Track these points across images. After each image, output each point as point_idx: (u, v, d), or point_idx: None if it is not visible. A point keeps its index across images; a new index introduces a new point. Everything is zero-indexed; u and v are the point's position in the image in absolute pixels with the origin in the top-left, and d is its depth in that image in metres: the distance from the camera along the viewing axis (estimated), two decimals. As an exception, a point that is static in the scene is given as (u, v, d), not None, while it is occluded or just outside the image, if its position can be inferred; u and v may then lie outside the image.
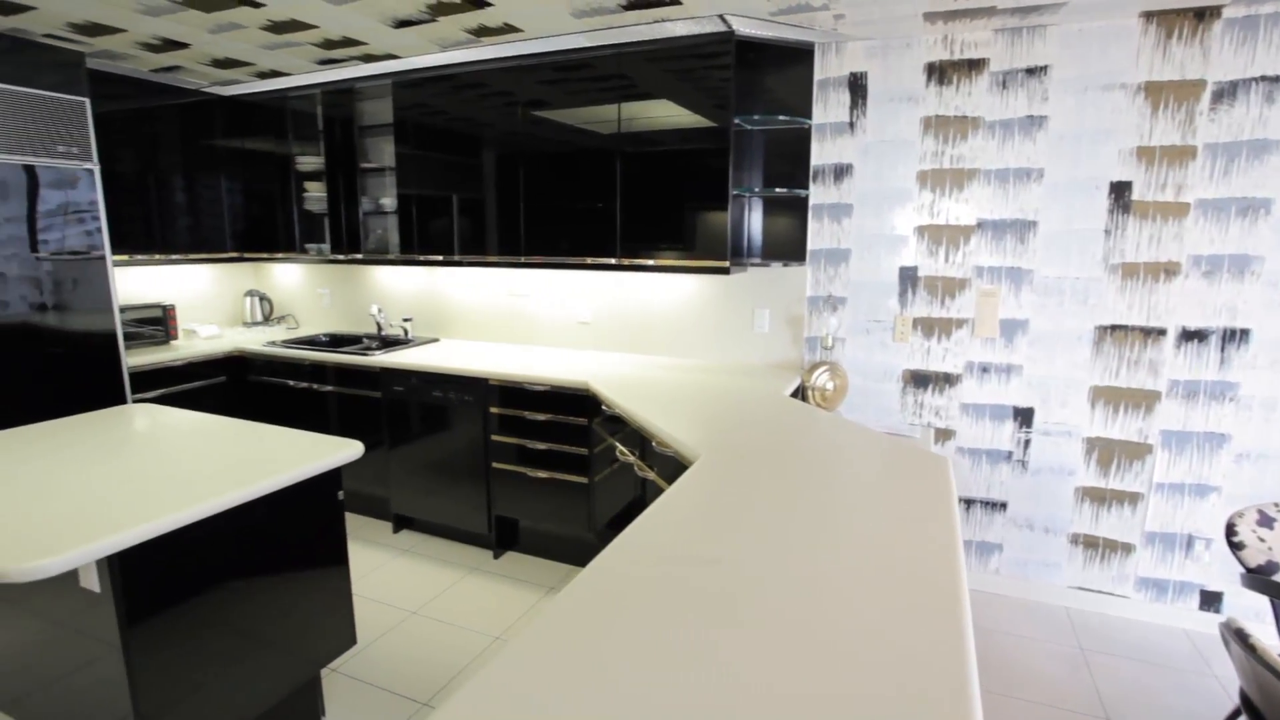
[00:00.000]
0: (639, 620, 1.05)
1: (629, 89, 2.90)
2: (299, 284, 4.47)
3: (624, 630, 1.03)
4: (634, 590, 1.15)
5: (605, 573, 1.21)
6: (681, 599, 1.12)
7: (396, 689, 2.32)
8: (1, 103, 2.82)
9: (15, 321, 2.92)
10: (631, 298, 3.43)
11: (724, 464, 1.79)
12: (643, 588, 1.15)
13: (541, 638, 1.01)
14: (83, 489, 1.68)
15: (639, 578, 1.19)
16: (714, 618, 1.06)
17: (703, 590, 1.14)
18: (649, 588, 1.15)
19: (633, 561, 1.25)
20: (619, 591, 1.14)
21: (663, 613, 1.08)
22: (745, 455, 1.86)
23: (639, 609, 1.09)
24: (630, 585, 1.16)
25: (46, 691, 1.82)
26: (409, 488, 3.37)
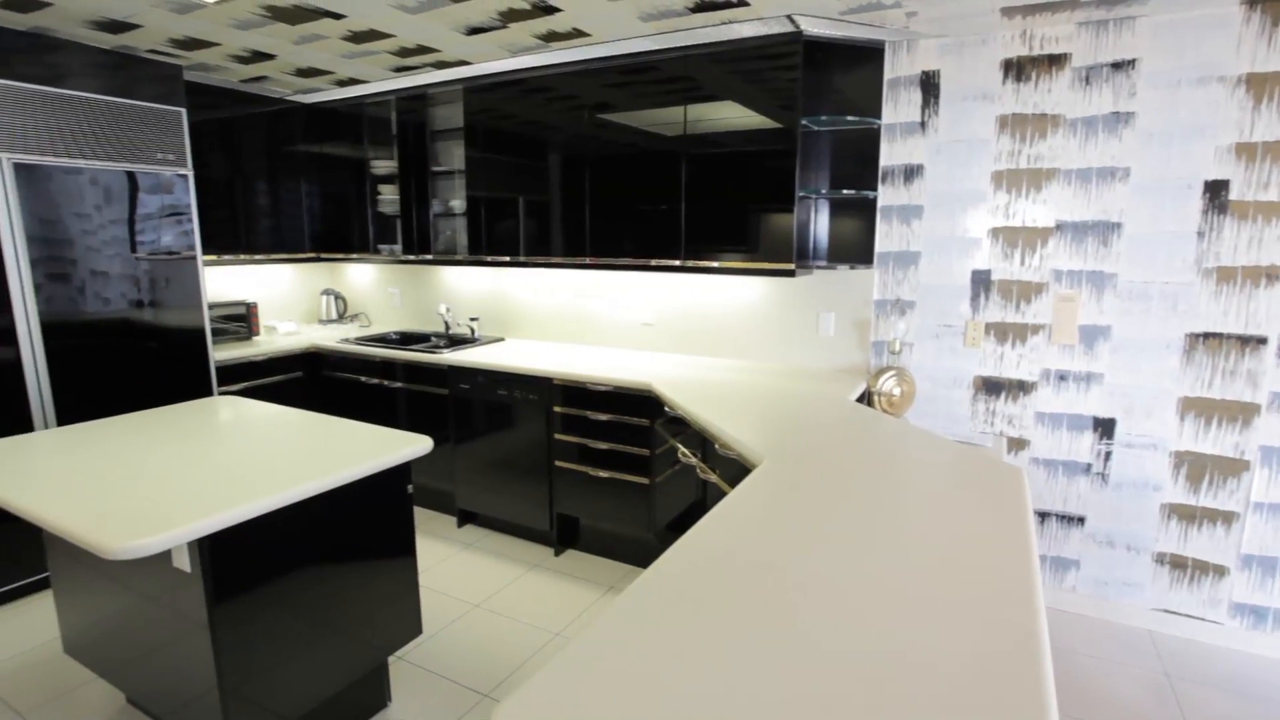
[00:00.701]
0: (699, 625, 1.05)
1: (694, 91, 2.90)
2: (371, 283, 4.64)
3: (684, 634, 1.03)
4: (695, 594, 1.14)
5: (668, 575, 1.21)
6: (742, 604, 1.11)
7: (459, 679, 2.37)
8: (109, 114, 3.03)
9: (117, 317, 3.12)
10: (694, 300, 3.42)
11: (788, 468, 1.77)
12: (704, 592, 1.15)
13: (604, 637, 1.02)
14: (176, 475, 1.79)
15: (701, 581, 1.18)
16: (775, 626, 1.05)
17: (764, 596, 1.13)
18: (711, 592, 1.15)
19: (695, 565, 1.25)
20: (680, 594, 1.14)
21: (723, 618, 1.07)
22: (810, 460, 1.83)
23: (700, 614, 1.08)
24: (692, 589, 1.16)
25: (143, 661, 1.94)
26: (473, 484, 3.45)
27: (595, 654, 0.97)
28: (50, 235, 2.88)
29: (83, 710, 2.24)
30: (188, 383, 3.41)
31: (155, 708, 2.00)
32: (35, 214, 2.83)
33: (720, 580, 1.18)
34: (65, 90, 2.89)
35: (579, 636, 1.01)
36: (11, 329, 2.81)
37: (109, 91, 3.03)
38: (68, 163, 2.91)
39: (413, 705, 2.25)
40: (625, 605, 1.10)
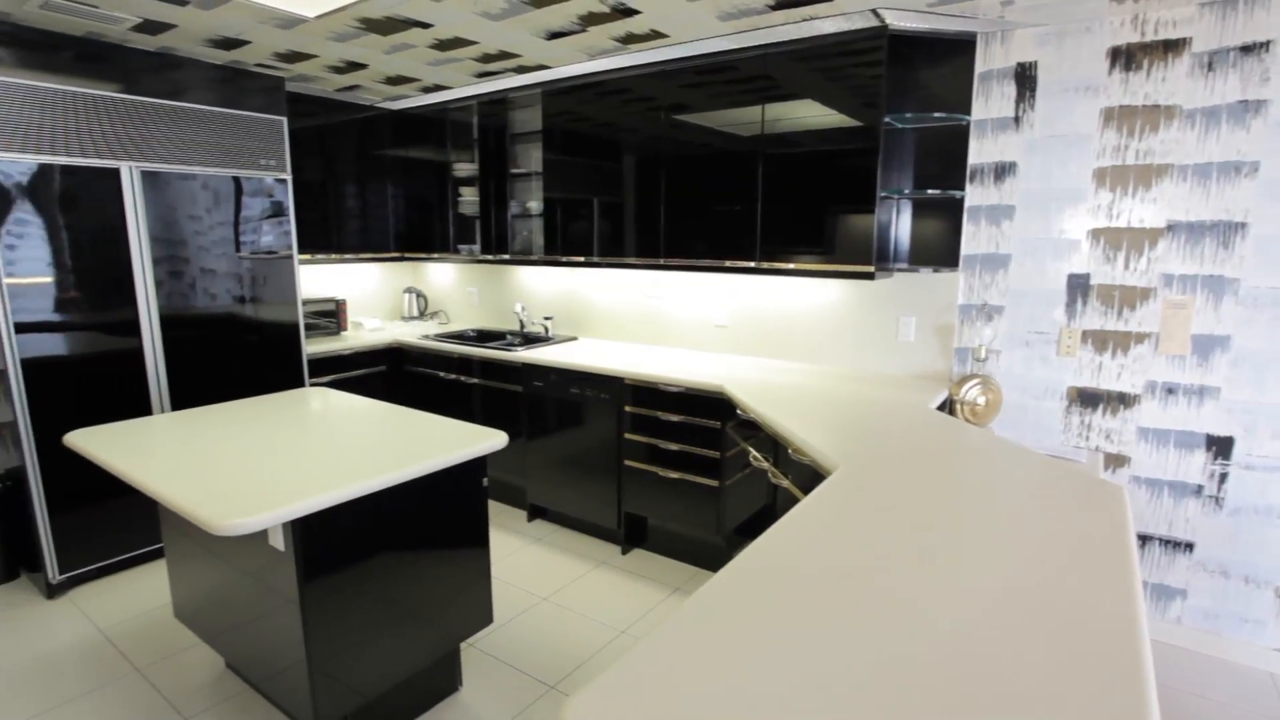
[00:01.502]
0: (772, 632, 1.03)
1: (772, 90, 2.86)
2: (451, 282, 4.80)
3: (756, 640, 1.01)
4: (768, 600, 1.12)
5: (739, 579, 1.20)
6: (816, 614, 1.08)
7: (526, 669, 2.42)
8: (219, 124, 3.25)
9: (222, 312, 3.35)
10: (768, 301, 3.38)
11: (864, 476, 1.72)
12: (777, 599, 1.13)
13: (674, 638, 1.01)
14: (272, 460, 1.90)
15: (774, 588, 1.17)
16: (849, 638, 1.02)
17: (839, 607, 1.10)
18: (783, 599, 1.13)
19: (768, 570, 1.23)
20: (753, 600, 1.12)
21: (796, 626, 1.05)
22: (887, 468, 1.78)
23: (772, 620, 1.07)
24: (764, 595, 1.14)
25: (240, 630, 2.08)
26: (544, 479, 3.51)
27: (665, 654, 0.97)
28: (168, 236, 3.12)
29: (188, 671, 2.41)
30: (283, 374, 3.62)
31: (250, 674, 2.14)
32: (157, 217, 3.07)
33: (794, 588, 1.16)
34: (183, 103, 3.12)
35: (648, 636, 1.01)
36: (136, 321, 3.06)
37: (220, 103, 3.25)
38: (184, 169, 3.14)
39: (482, 692, 2.31)
40: (695, 607, 1.10)
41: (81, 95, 2.83)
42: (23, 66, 2.69)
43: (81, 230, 2.87)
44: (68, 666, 2.46)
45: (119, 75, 2.93)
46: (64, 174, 2.80)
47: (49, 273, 2.81)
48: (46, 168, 2.76)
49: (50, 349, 2.84)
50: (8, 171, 2.67)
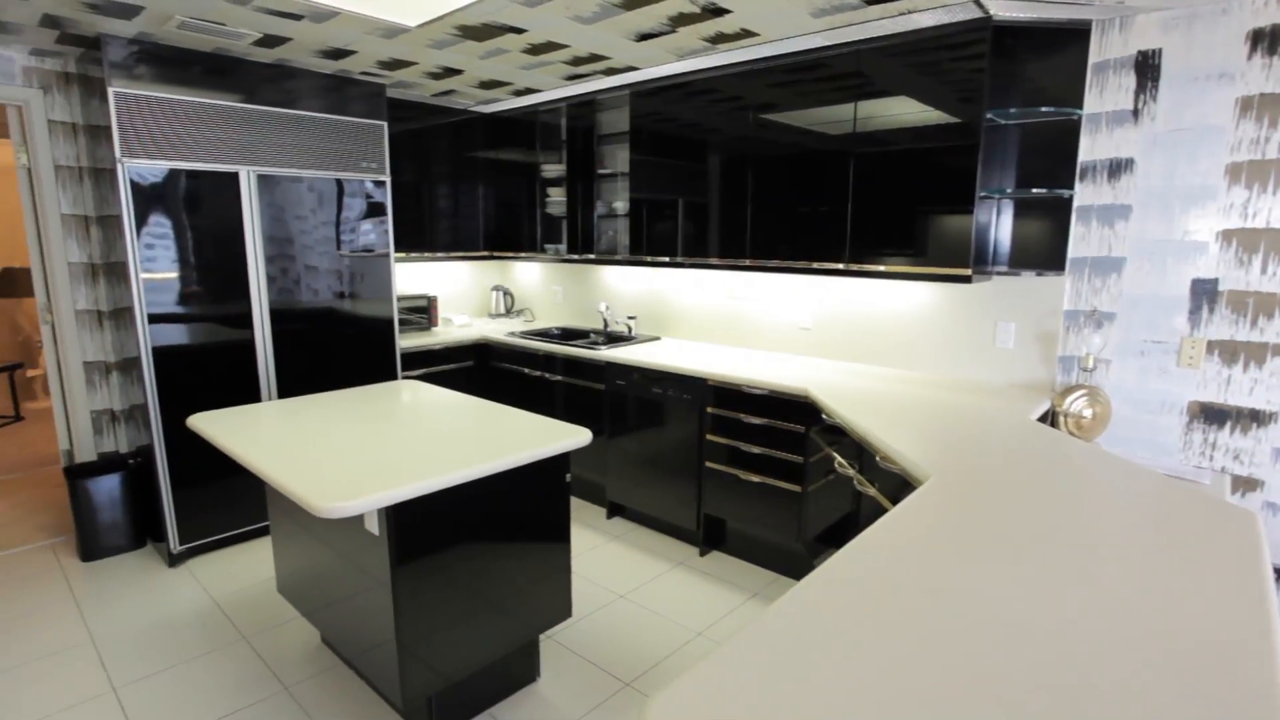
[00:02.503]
0: (857, 645, 1.00)
1: (864, 87, 2.78)
2: (537, 281, 4.91)
3: (841, 651, 0.98)
4: (853, 611, 1.09)
5: (825, 588, 1.17)
6: (905, 630, 1.04)
7: (603, 665, 2.45)
8: (325, 129, 3.45)
9: (323, 306, 3.55)
10: (856, 305, 3.28)
11: (957, 488, 1.64)
12: (863, 611, 1.09)
13: (756, 644, 1.00)
14: (368, 448, 2.00)
15: (860, 599, 1.13)
16: (939, 656, 0.97)
17: (930, 625, 1.06)
18: (870, 612, 1.09)
19: (854, 581, 1.19)
20: (838, 610, 1.09)
21: (883, 640, 1.01)
22: (982, 481, 1.69)
23: (858, 632, 1.03)
24: (850, 606, 1.11)
25: (335, 608, 2.19)
26: (624, 477, 3.54)
27: (747, 660, 0.96)
28: (278, 235, 3.34)
29: (288, 642, 2.57)
30: (377, 367, 3.80)
31: (343, 650, 2.26)
32: (269, 217, 3.29)
33: (882, 601, 1.12)
34: (294, 111, 3.33)
35: (731, 640, 1.00)
36: (249, 314, 3.29)
37: (326, 110, 3.45)
38: (292, 172, 3.35)
39: (559, 683, 2.35)
40: (779, 614, 1.08)
41: (208, 105, 3.06)
42: (160, 81, 2.93)
43: (204, 230, 3.11)
44: (185, 629, 2.67)
45: (240, 86, 3.16)
46: (190, 178, 3.04)
47: (176, 269, 3.05)
48: (176, 172, 3.00)
49: (175, 339, 3.09)
50: (145, 176, 2.92)
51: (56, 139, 3.32)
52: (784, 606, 1.10)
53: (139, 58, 2.88)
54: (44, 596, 2.94)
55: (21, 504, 3.95)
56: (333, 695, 2.29)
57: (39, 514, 3.81)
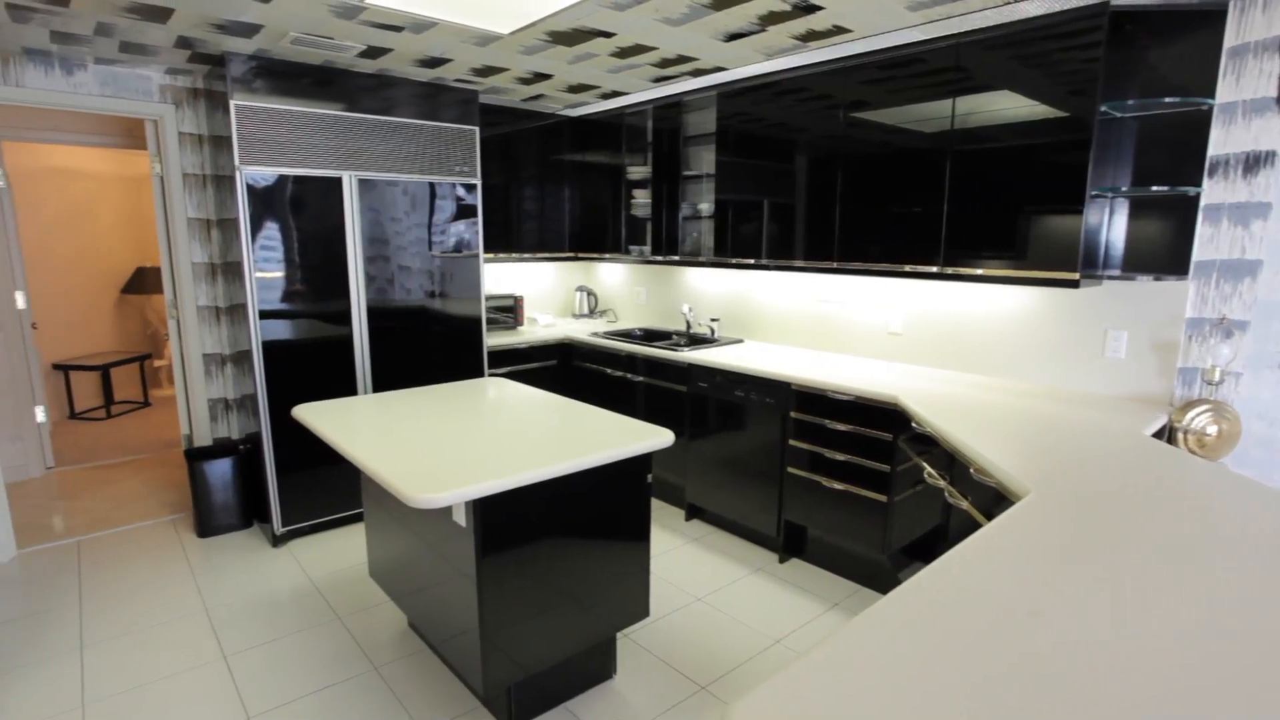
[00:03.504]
0: (950, 666, 0.95)
1: (963, 82, 2.66)
2: (620, 282, 4.96)
3: (929, 671, 0.94)
4: (942, 628, 1.04)
5: (913, 603, 1.12)
6: (994, 649, 0.98)
7: (679, 667, 2.44)
8: (420, 134, 3.60)
9: (415, 305, 3.70)
10: (950, 309, 3.14)
11: (1059, 505, 1.54)
12: (952, 627, 1.04)
13: (838, 657, 0.97)
14: (457, 442, 2.07)
15: (949, 615, 1.08)
16: (1031, 682, 0.91)
17: (1021, 646, 0.99)
18: (959, 628, 1.04)
19: (945, 597, 1.14)
20: (928, 627, 1.05)
21: (971, 660, 0.96)
22: (1088, 498, 1.58)
23: (950, 653, 0.98)
24: (941, 624, 1.06)
25: (421, 595, 2.28)
26: (703, 480, 3.52)
27: (830, 672, 0.93)
28: (375, 236, 3.51)
29: (377, 625, 2.70)
30: (465, 364, 3.94)
31: (429, 635, 2.34)
32: (368, 219, 3.47)
33: (974, 620, 1.06)
34: (393, 118, 3.49)
35: (814, 650, 0.98)
36: (348, 312, 3.47)
37: (422, 116, 3.59)
38: (389, 176, 3.51)
39: (635, 682, 2.36)
40: (864, 627, 1.04)
41: (315, 115, 3.25)
42: (274, 93, 3.14)
43: (308, 232, 3.30)
44: (286, 606, 2.85)
45: (344, 96, 3.34)
46: (297, 183, 3.24)
47: (284, 268, 3.26)
48: (285, 178, 3.20)
49: (282, 334, 3.30)
50: (258, 181, 3.13)
51: (185, 149, 3.61)
52: (870, 619, 1.06)
53: (256, 72, 3.09)
54: (165, 567, 3.20)
55: (148, 482, 4.32)
56: (418, 678, 2.38)
57: (163, 492, 4.15)
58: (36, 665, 2.47)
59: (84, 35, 2.87)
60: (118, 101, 3.40)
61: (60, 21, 2.69)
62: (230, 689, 2.33)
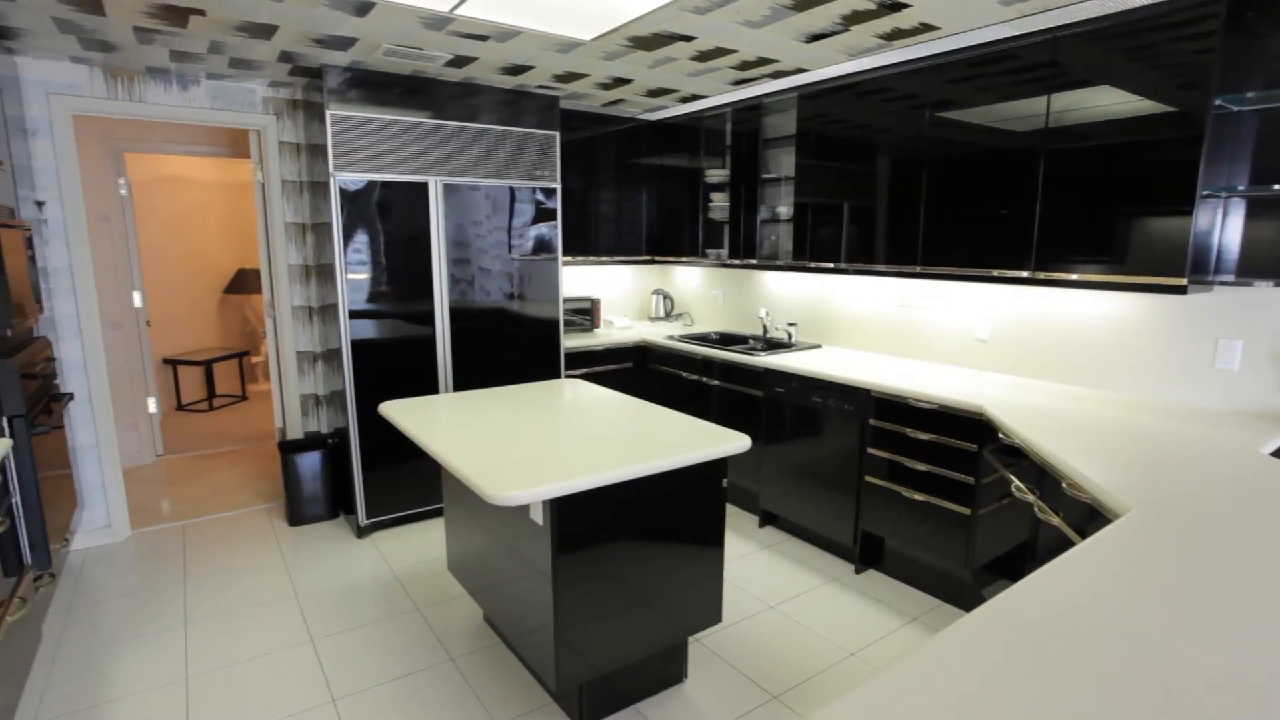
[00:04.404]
0: (1034, 688, 0.91)
1: (1058, 78, 2.53)
2: (697, 285, 4.95)
3: (1014, 694, 0.89)
4: (1032, 650, 0.99)
5: (997, 621, 1.07)
6: (1089, 676, 0.93)
7: (751, 674, 2.41)
8: (501, 140, 3.69)
9: (495, 307, 3.80)
10: (1041, 316, 2.99)
11: (1163, 525, 1.45)
12: (1043, 650, 0.99)
13: (919, 675, 0.93)
14: (534, 441, 2.11)
15: (1039, 637, 1.02)
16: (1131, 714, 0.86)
17: (1119, 674, 0.93)
18: (1051, 652, 0.99)
19: (1032, 617, 1.08)
20: (1013, 647, 1.00)
21: (1063, 686, 0.91)
22: (1195, 518, 1.48)
23: (1035, 674, 0.93)
24: (1027, 643, 1.01)
25: (498, 590, 2.34)
26: (778, 486, 3.48)
27: (911, 690, 0.90)
28: (458, 239, 3.62)
29: (454, 617, 2.78)
30: (543, 365, 4.01)
31: (504, 630, 2.40)
32: (451, 223, 3.59)
33: (1067, 643, 1.01)
34: (476, 124, 3.60)
35: (893, 666, 0.95)
36: (432, 312, 3.60)
37: (504, 122, 3.69)
38: (471, 181, 3.62)
39: (705, 687, 2.35)
40: (947, 645, 1.00)
41: (403, 123, 3.39)
42: (366, 103, 3.29)
43: (395, 235, 3.44)
44: (368, 595, 2.97)
45: (430, 104, 3.46)
46: (385, 188, 3.38)
47: (373, 270, 3.41)
48: (374, 183, 3.35)
49: (369, 333, 3.45)
50: (350, 187, 3.29)
51: (284, 157, 3.83)
52: (954, 637, 1.02)
53: (350, 83, 3.25)
54: (259, 553, 3.39)
55: (244, 472, 4.59)
56: (493, 671, 2.44)
57: (258, 481, 4.40)
58: (147, 637, 2.67)
59: (198, 53, 3.08)
60: (226, 114, 3.64)
61: (179, 41, 2.90)
62: (317, 670, 2.45)
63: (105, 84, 3.34)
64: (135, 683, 2.40)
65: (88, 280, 3.38)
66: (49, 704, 2.30)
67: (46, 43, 2.94)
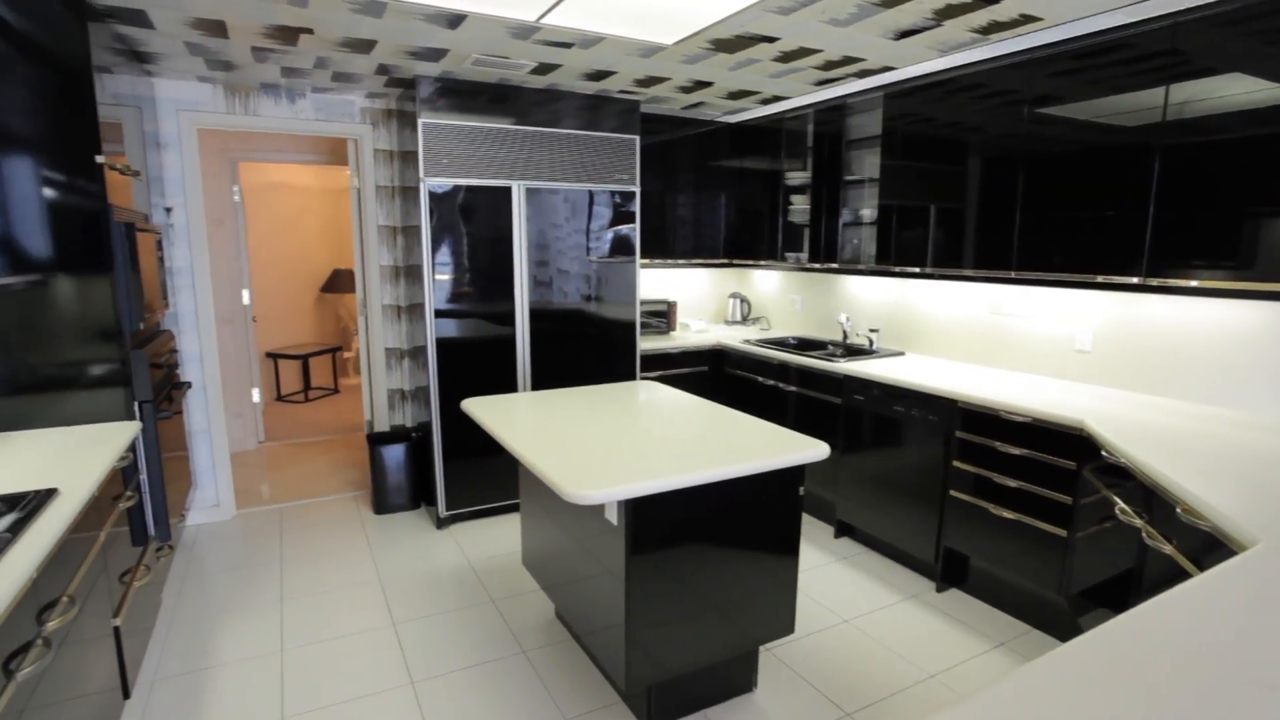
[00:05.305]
0: (1169, 727, 0.83)
1: (1179, 67, 2.34)
2: (775, 289, 4.87)
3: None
4: (1140, 689, 0.91)
5: (1100, 654, 0.99)
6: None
7: (823, 689, 2.35)
8: (583, 144, 3.75)
9: (573, 308, 3.86)
10: (1152, 325, 2.78)
11: (1303, 559, 1.31)
12: (1156, 690, 0.91)
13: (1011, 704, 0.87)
14: (611, 442, 2.13)
15: (1152, 676, 0.94)
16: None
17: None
18: (1162, 692, 0.91)
19: (1142, 652, 1.00)
20: (1119, 685, 0.92)
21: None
22: (1343, 554, 1.33)
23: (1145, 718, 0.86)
24: (1138, 681, 0.93)
25: (571, 587, 2.37)
26: (855, 497, 3.37)
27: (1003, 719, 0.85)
28: (538, 241, 3.70)
29: (527, 611, 2.83)
30: (618, 366, 4.04)
31: (575, 626, 2.43)
32: (533, 226, 3.67)
33: (1184, 686, 0.93)
34: (558, 129, 3.67)
35: (981, 693, 0.89)
36: (512, 313, 3.69)
37: (584, 127, 3.75)
38: (551, 185, 3.69)
39: (775, 698, 2.30)
40: (1044, 675, 0.94)
41: (489, 129, 3.49)
42: (455, 110, 3.41)
43: (479, 238, 3.55)
44: (445, 584, 3.07)
45: (515, 110, 3.55)
46: (470, 192, 3.49)
47: (456, 271, 3.52)
48: (460, 188, 3.46)
49: (453, 332, 3.57)
50: (438, 190, 3.42)
51: (378, 164, 4.02)
52: (1050, 667, 0.95)
53: (440, 92, 3.37)
54: (347, 538, 3.57)
55: (335, 461, 4.84)
56: (563, 666, 2.48)
57: (347, 470, 4.63)
58: (247, 610, 2.85)
59: (305, 69, 3.28)
60: (328, 124, 3.85)
61: (290, 59, 3.09)
62: (398, 653, 2.55)
63: (225, 100, 3.60)
64: (237, 650, 2.57)
65: (205, 279, 3.65)
66: (167, 661, 2.51)
67: (178, 64, 3.20)
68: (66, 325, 2.38)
